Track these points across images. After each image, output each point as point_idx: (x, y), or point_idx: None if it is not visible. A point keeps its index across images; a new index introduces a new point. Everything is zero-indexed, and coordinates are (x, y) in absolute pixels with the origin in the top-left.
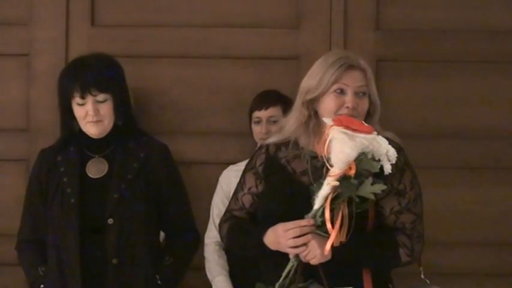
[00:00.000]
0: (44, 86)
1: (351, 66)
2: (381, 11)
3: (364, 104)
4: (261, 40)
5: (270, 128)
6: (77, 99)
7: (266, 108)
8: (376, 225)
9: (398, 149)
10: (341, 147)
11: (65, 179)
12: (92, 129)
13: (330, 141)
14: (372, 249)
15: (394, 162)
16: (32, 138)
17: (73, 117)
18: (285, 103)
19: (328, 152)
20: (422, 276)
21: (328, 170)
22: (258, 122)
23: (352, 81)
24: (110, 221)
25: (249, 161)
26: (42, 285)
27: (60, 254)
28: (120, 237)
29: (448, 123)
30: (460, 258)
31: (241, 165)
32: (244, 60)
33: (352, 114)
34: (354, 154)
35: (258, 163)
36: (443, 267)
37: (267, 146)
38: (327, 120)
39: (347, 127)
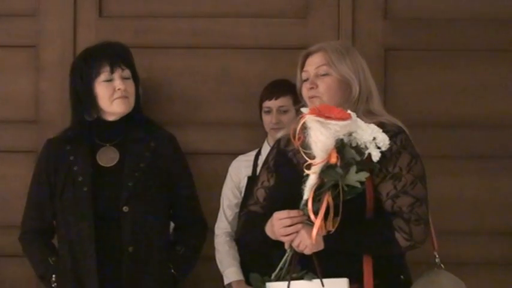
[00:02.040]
0: (53, 78)
1: (310, 53)
2: (389, 0)
3: (327, 82)
4: (269, 30)
5: (280, 117)
6: (103, 77)
7: (276, 98)
8: (376, 212)
9: (396, 133)
10: (316, 136)
11: (75, 168)
12: (119, 107)
13: (306, 130)
14: (364, 235)
15: (385, 148)
16: (40, 129)
17: (88, 105)
18: (295, 93)
19: (300, 140)
20: (437, 260)
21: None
22: (268, 111)
23: (311, 66)
24: (125, 208)
25: (266, 157)
26: (54, 275)
27: (73, 243)
28: (135, 224)
29: (456, 112)
30: (468, 247)
31: (251, 156)
32: (252, 50)
33: (314, 94)
34: (329, 142)
35: (270, 158)
36: (452, 256)
37: (279, 140)
38: (304, 109)
39: (320, 115)
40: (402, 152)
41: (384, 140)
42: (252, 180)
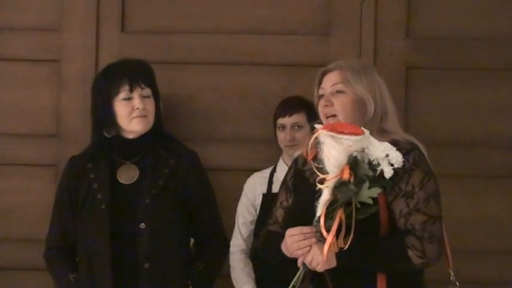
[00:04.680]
0: (74, 92)
1: (327, 71)
2: (411, 18)
3: (341, 101)
4: (291, 47)
5: (295, 134)
6: (122, 95)
7: (290, 115)
8: (390, 230)
9: (408, 150)
10: (329, 151)
11: (95, 186)
12: (138, 126)
13: (318, 145)
14: (377, 253)
15: (398, 166)
16: (61, 144)
17: (107, 122)
18: (310, 109)
19: (312, 155)
20: (452, 278)
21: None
22: (283, 128)
23: (327, 83)
24: (142, 225)
25: (284, 177)
26: None
27: (91, 259)
28: (152, 241)
29: (477, 131)
30: (489, 266)
31: (266, 173)
32: (274, 67)
33: (329, 112)
34: (341, 157)
35: (288, 177)
36: (472, 276)
37: (296, 159)
38: (317, 125)
39: (332, 129)
40: (415, 170)
41: (397, 158)
42: (267, 197)
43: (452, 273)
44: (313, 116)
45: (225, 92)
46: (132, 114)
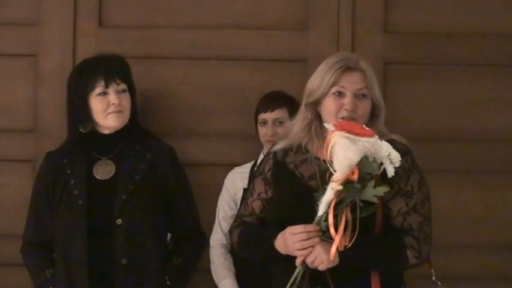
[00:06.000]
0: (52, 87)
1: (349, 68)
2: (388, 13)
3: (365, 106)
4: (269, 42)
5: (276, 129)
6: (97, 91)
7: (272, 110)
8: (384, 227)
9: (405, 151)
10: (344, 152)
11: (72, 181)
12: (113, 121)
13: (332, 146)
14: (378, 251)
15: (397, 165)
16: (38, 139)
17: (83, 118)
18: (291, 104)
19: (331, 157)
20: (434, 278)
21: (331, 175)
22: (264, 123)
23: (351, 83)
24: (119, 221)
25: (258, 167)
26: None
27: (68, 255)
28: (128, 237)
29: (455, 127)
30: (467, 261)
31: (247, 167)
32: (252, 62)
33: (351, 116)
34: (356, 158)
35: (266, 169)
36: (450, 270)
37: (275, 152)
38: (328, 126)
39: (349, 131)
40: (413, 171)
41: (397, 157)
42: None
43: (434, 273)
44: (294, 111)
45: (204, 87)
46: (107, 110)
